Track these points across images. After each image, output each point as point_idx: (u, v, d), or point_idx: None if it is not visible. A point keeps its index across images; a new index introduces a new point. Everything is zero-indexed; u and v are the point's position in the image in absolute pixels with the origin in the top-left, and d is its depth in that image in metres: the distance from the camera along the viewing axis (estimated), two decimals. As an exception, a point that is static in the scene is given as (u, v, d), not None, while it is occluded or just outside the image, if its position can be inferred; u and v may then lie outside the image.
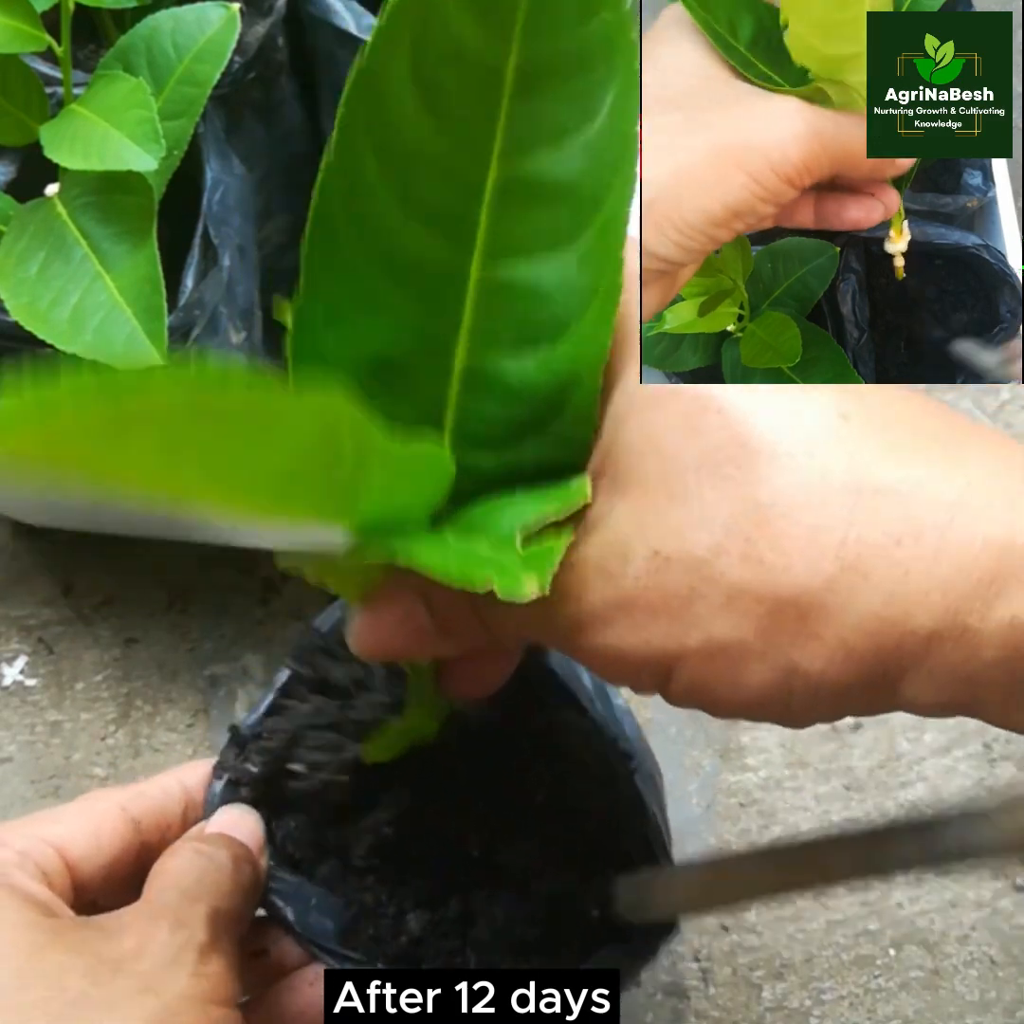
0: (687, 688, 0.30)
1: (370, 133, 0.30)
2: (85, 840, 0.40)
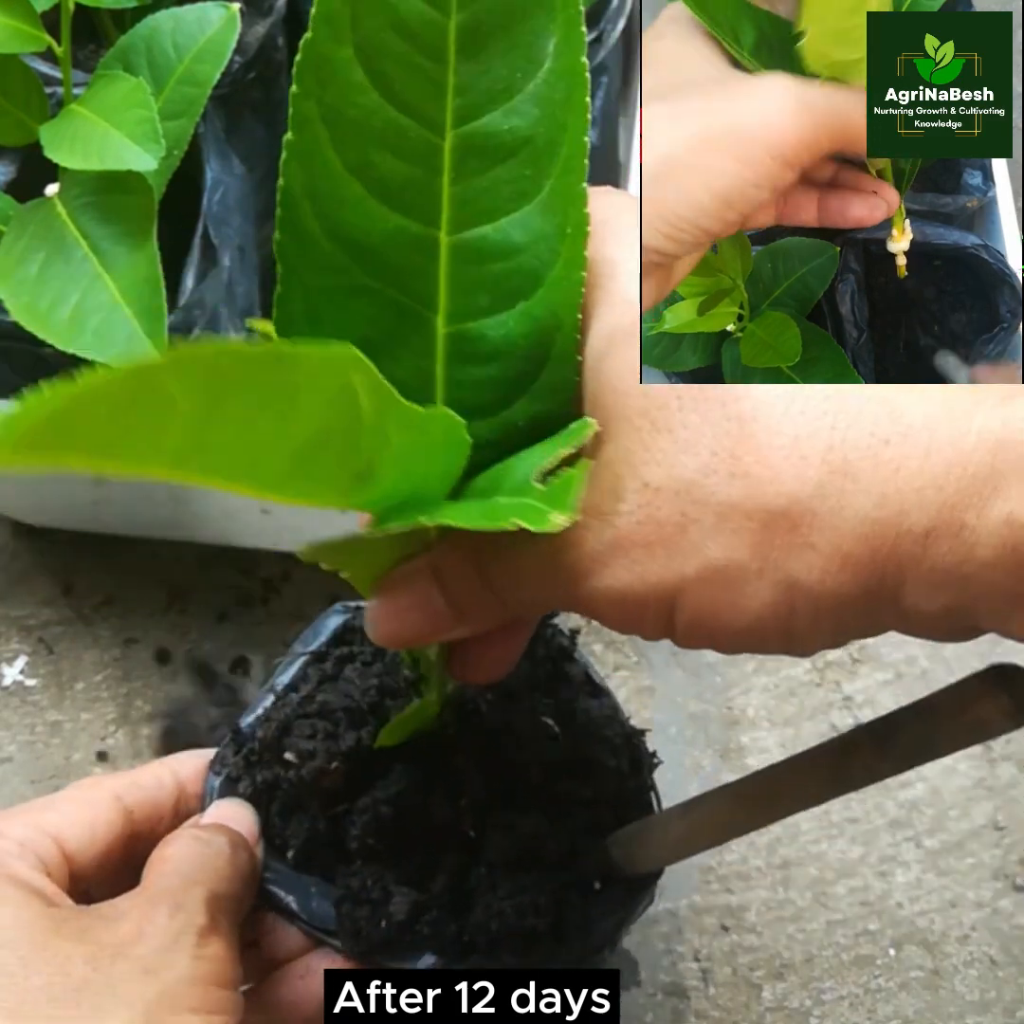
0: (691, 621, 0.30)
1: (321, 107, 0.30)
2: (81, 830, 0.40)
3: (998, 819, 0.70)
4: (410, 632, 0.35)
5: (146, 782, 0.44)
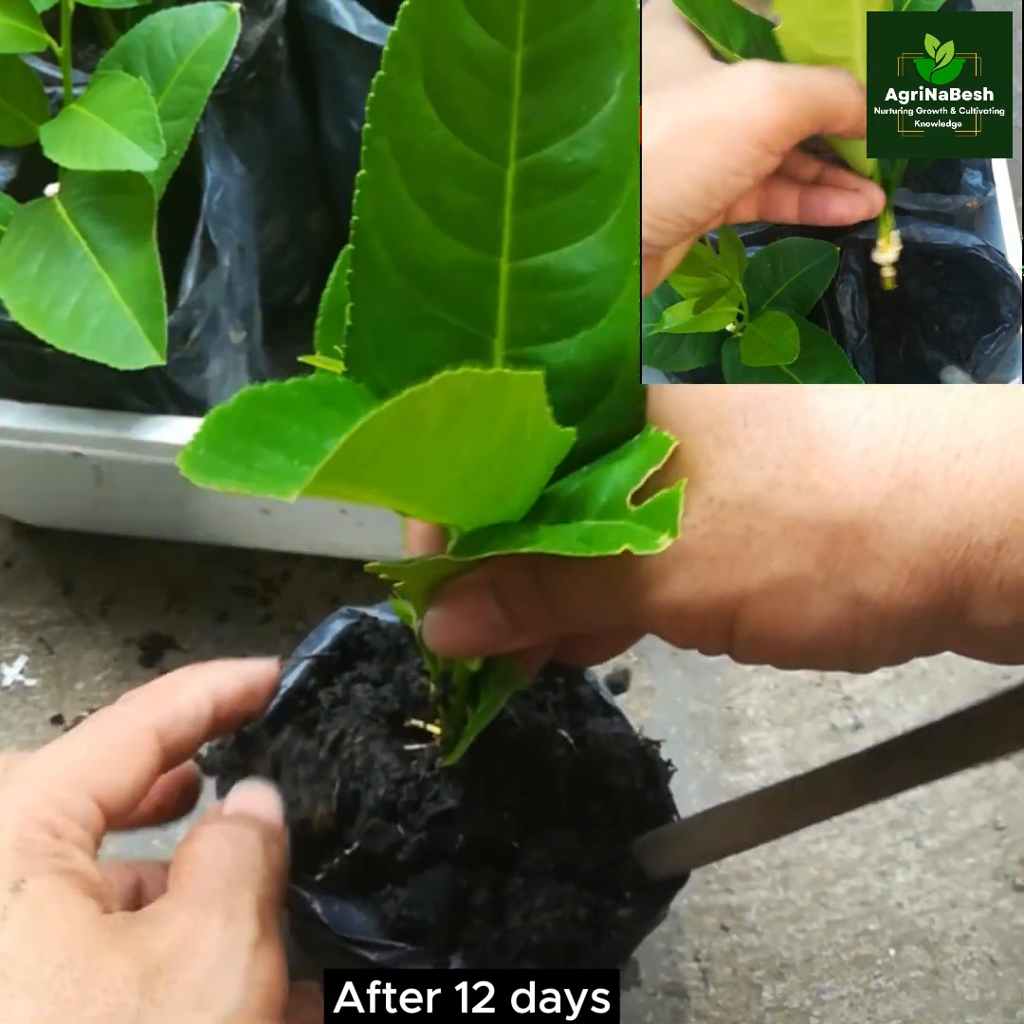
0: (752, 635, 0.30)
1: (392, 142, 0.30)
2: (122, 788, 0.38)
3: (998, 819, 0.70)
4: (468, 642, 0.35)
5: (185, 714, 0.41)
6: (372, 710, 0.47)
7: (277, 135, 0.76)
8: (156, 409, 0.62)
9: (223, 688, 0.44)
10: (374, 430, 0.22)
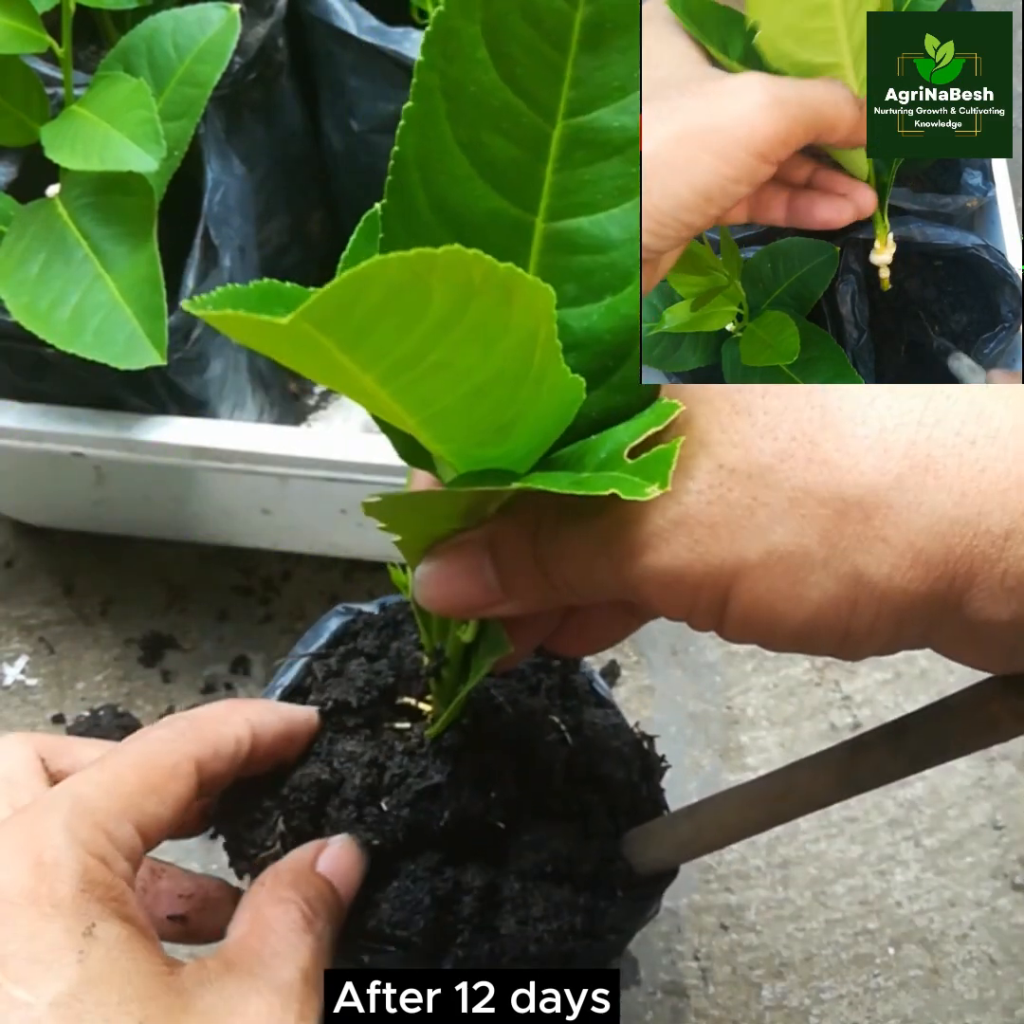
0: (745, 610, 0.29)
1: (443, 79, 0.30)
2: (165, 822, 0.37)
3: (997, 818, 0.70)
4: (457, 600, 0.34)
5: (226, 751, 0.41)
6: (365, 683, 0.47)
7: (277, 135, 0.76)
8: (156, 409, 0.62)
9: (265, 728, 0.43)
10: (376, 279, 0.22)
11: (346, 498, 0.67)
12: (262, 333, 0.23)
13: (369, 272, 0.22)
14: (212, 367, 0.64)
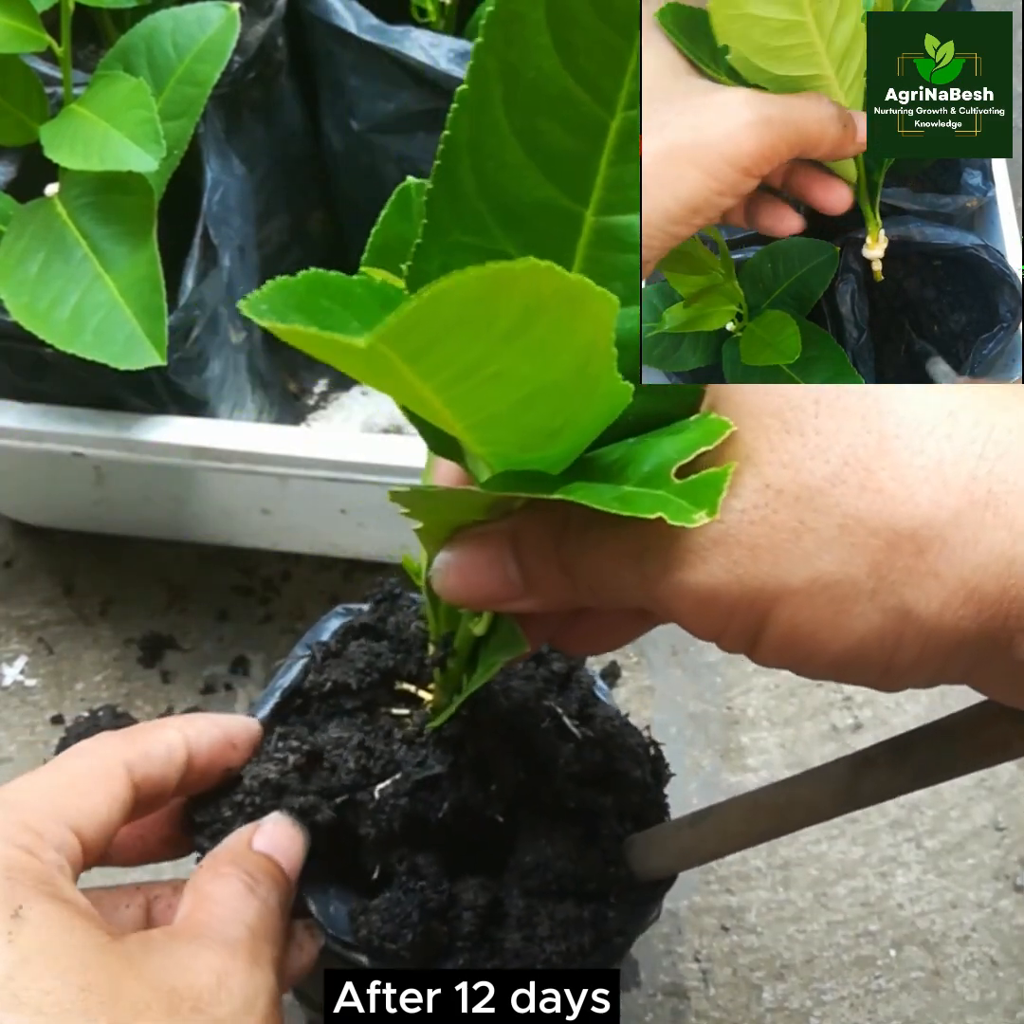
0: (783, 637, 0.28)
1: (501, 63, 0.29)
2: (98, 818, 0.38)
3: (999, 819, 0.70)
4: (475, 591, 0.34)
5: (157, 752, 0.41)
6: (366, 665, 0.47)
7: (277, 135, 0.76)
8: (156, 409, 0.62)
9: (199, 734, 0.44)
10: (451, 297, 0.22)
11: (346, 498, 0.67)
12: (332, 350, 0.23)
13: (446, 291, 0.21)
14: (212, 367, 0.64)
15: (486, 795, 0.44)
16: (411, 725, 0.46)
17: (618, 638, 0.40)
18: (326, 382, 0.85)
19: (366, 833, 0.44)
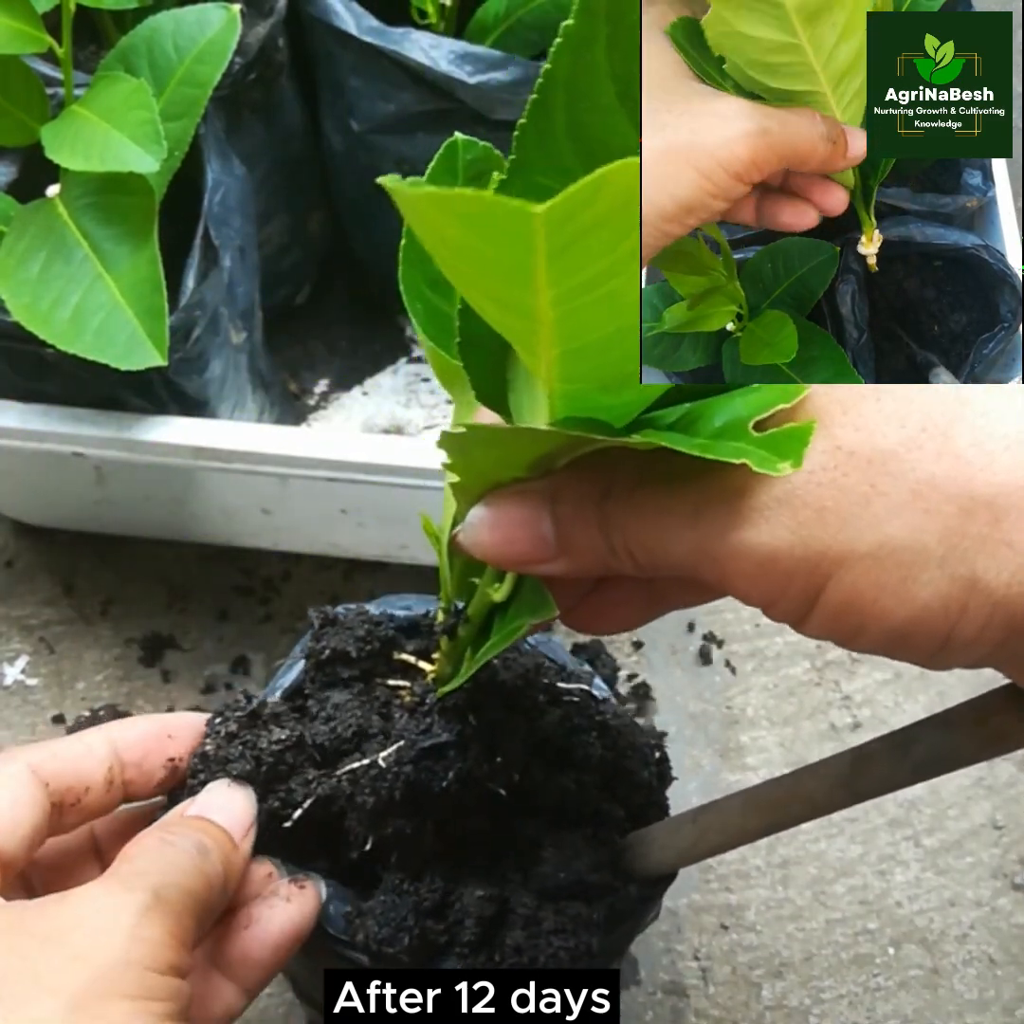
0: (842, 603, 0.28)
1: (610, 3, 0.29)
2: (2, 817, 0.38)
3: (997, 818, 0.70)
4: (507, 549, 0.33)
5: (69, 751, 0.41)
6: (367, 633, 0.47)
7: (277, 136, 0.76)
8: (157, 409, 0.62)
9: (124, 728, 0.44)
10: (610, 186, 0.22)
11: (346, 498, 0.67)
12: (480, 218, 0.23)
13: (609, 177, 0.21)
14: (212, 367, 0.64)
15: (491, 767, 0.43)
16: (409, 696, 0.45)
17: (629, 619, 0.39)
18: (326, 382, 0.85)
19: (363, 802, 0.43)
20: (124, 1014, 0.32)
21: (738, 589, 0.30)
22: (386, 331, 0.88)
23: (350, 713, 0.45)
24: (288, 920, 0.42)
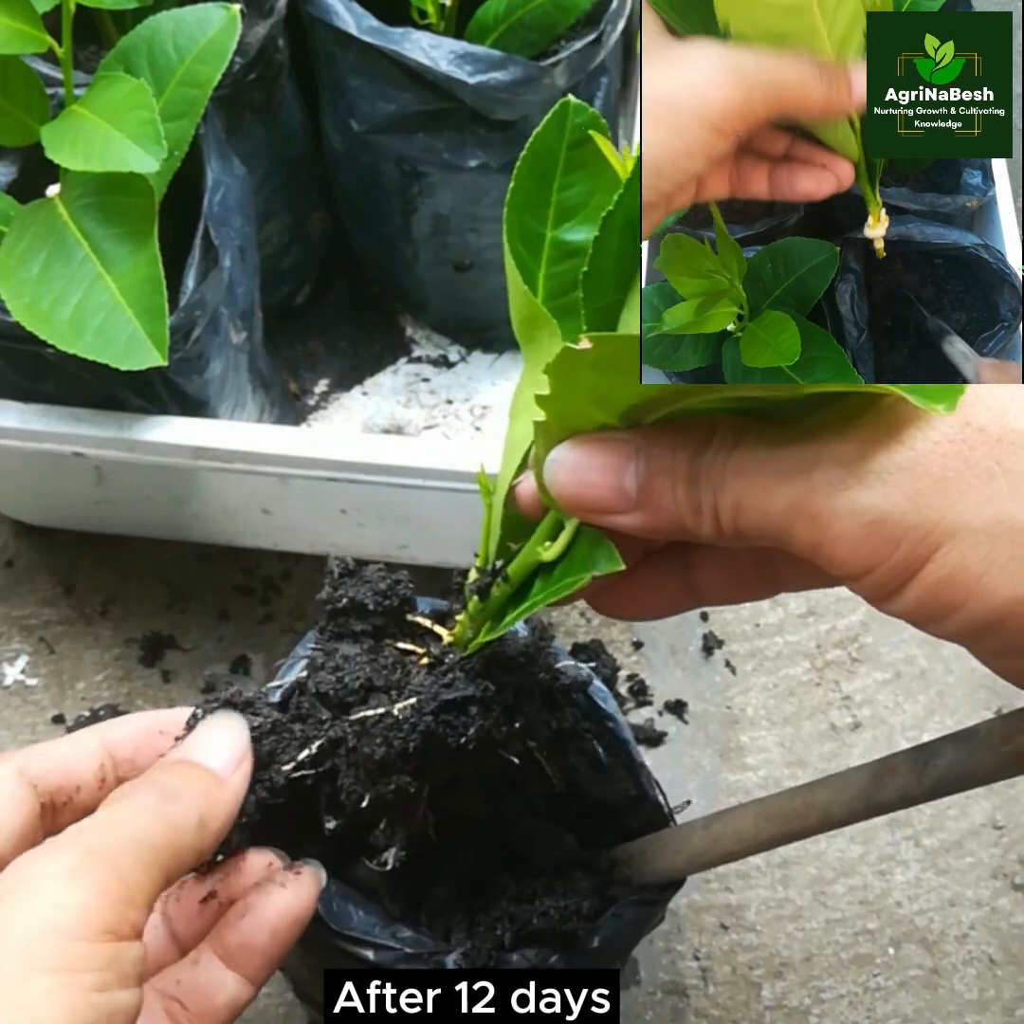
0: (944, 577, 0.27)
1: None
2: (5, 815, 0.37)
3: (997, 818, 0.70)
4: (585, 493, 0.32)
5: (58, 751, 0.41)
6: (387, 588, 0.46)
7: (278, 136, 0.76)
8: (157, 409, 0.62)
9: (112, 725, 0.43)
10: None
11: (346, 498, 0.67)
12: None
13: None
14: (212, 367, 0.64)
15: (509, 731, 0.42)
16: (427, 658, 0.44)
17: (660, 607, 0.39)
18: (326, 382, 0.85)
19: (370, 753, 0.42)
20: (42, 991, 0.30)
21: (836, 553, 0.29)
22: (386, 331, 0.88)
23: (359, 666, 0.43)
24: (283, 905, 0.41)
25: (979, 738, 0.33)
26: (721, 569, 0.39)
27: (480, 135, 0.72)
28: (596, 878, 0.45)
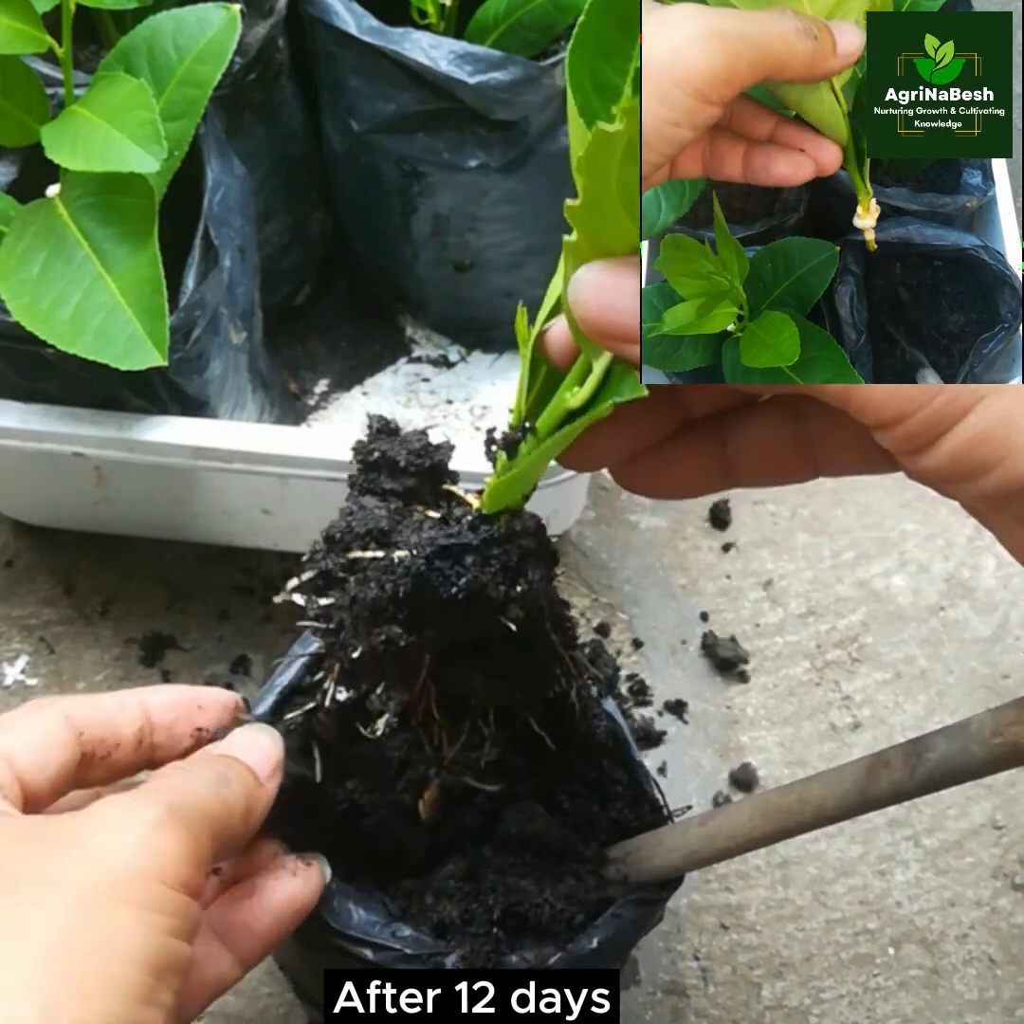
0: (985, 429, 0.27)
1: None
2: (32, 752, 0.38)
3: (997, 818, 0.70)
4: (607, 315, 0.31)
5: (103, 704, 0.42)
6: (422, 448, 0.43)
7: (278, 136, 0.76)
8: (157, 409, 0.62)
9: (156, 692, 0.44)
10: None
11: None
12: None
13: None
14: (212, 367, 0.64)
15: (508, 595, 0.39)
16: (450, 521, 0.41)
17: (689, 482, 0.38)
18: (326, 382, 0.85)
19: (363, 597, 0.41)
20: (128, 921, 0.32)
21: (873, 396, 0.28)
22: (386, 331, 0.88)
23: (372, 517, 0.42)
24: (292, 892, 0.42)
25: (971, 731, 0.33)
26: (759, 446, 0.37)
27: (480, 135, 0.72)
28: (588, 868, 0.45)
